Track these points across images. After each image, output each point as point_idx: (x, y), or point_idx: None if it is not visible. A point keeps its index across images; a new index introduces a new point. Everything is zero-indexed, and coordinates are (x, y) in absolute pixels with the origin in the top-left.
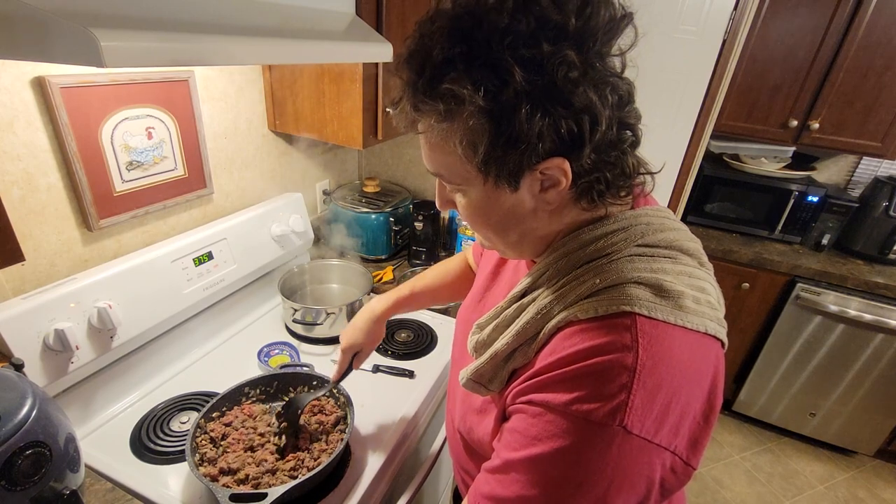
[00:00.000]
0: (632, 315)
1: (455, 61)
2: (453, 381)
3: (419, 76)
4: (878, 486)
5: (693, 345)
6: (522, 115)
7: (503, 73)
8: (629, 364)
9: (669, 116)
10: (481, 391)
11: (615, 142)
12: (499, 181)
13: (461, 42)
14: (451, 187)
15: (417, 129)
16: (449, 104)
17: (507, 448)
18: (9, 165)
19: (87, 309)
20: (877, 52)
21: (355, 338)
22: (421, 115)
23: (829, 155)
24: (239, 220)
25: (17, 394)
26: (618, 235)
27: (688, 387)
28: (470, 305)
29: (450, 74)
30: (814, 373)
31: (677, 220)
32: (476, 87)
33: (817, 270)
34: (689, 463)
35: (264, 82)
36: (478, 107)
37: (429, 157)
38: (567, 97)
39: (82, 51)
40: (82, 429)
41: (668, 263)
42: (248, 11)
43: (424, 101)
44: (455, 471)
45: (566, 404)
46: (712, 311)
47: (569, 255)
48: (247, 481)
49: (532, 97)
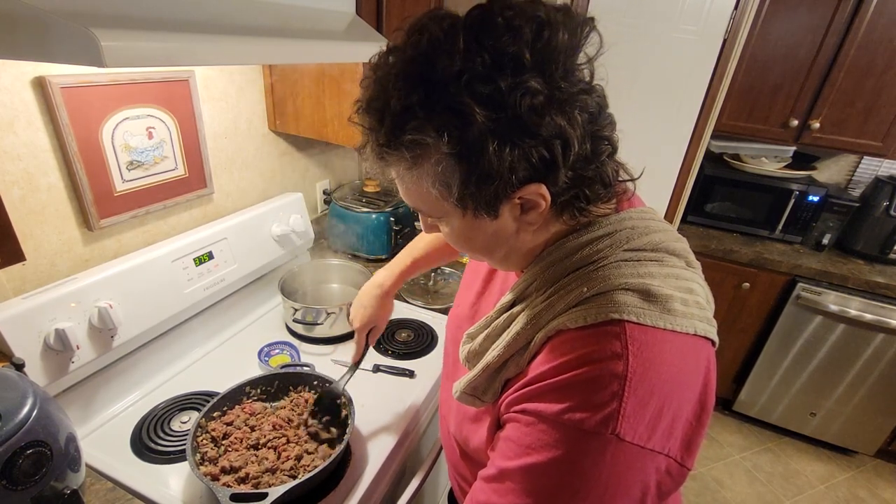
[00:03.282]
0: (621, 322)
1: (414, 108)
2: (446, 388)
3: (380, 125)
4: (878, 486)
5: (683, 347)
6: (491, 152)
7: (464, 115)
8: (619, 372)
9: (669, 116)
10: (476, 403)
11: (591, 156)
12: (477, 212)
13: (417, 88)
14: (431, 220)
15: (389, 174)
16: (414, 152)
17: (501, 457)
18: (9, 165)
19: (87, 309)
20: (877, 51)
21: (368, 315)
22: (388, 165)
23: (830, 155)
24: (239, 219)
25: (18, 393)
26: (603, 242)
27: (679, 390)
28: (462, 313)
29: (410, 123)
30: (814, 373)
31: (662, 221)
32: (440, 133)
33: (818, 270)
34: (684, 464)
35: (264, 82)
36: (443, 153)
37: (405, 195)
38: (533, 129)
39: (82, 51)
40: (83, 428)
41: (655, 266)
42: (248, 11)
43: (389, 153)
44: (450, 475)
45: (558, 414)
46: (701, 311)
47: (555, 264)
48: (247, 480)
49: (497, 133)
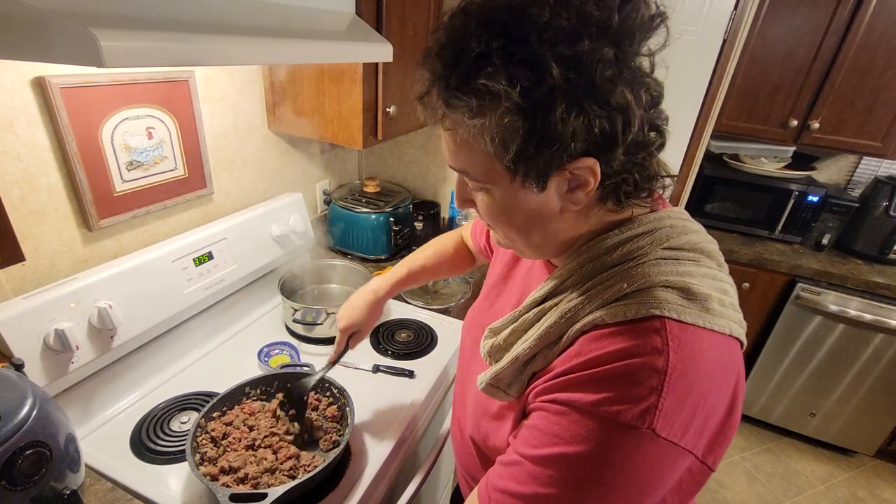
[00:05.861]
0: (661, 318)
1: (492, 56)
2: (461, 386)
3: (452, 70)
4: (878, 486)
5: (720, 347)
6: (558, 114)
7: (541, 69)
8: (660, 367)
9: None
10: (500, 396)
11: (644, 143)
12: (526, 180)
13: (499, 36)
14: (473, 185)
15: (445, 125)
16: (483, 100)
17: (525, 444)
18: (9, 165)
19: (87, 309)
20: (877, 51)
21: (354, 318)
22: (451, 111)
23: (830, 155)
24: (239, 220)
25: (18, 394)
26: (643, 239)
27: (714, 390)
28: (481, 310)
29: (485, 69)
30: (814, 373)
31: (695, 222)
32: (513, 84)
33: (817, 270)
34: (706, 462)
35: (264, 82)
36: (513, 103)
37: (454, 154)
38: (605, 96)
39: (82, 51)
40: (82, 429)
41: (693, 266)
42: (249, 11)
43: (457, 97)
44: (460, 476)
45: (594, 405)
46: (735, 312)
47: (594, 259)
48: (246, 480)
49: (568, 95)
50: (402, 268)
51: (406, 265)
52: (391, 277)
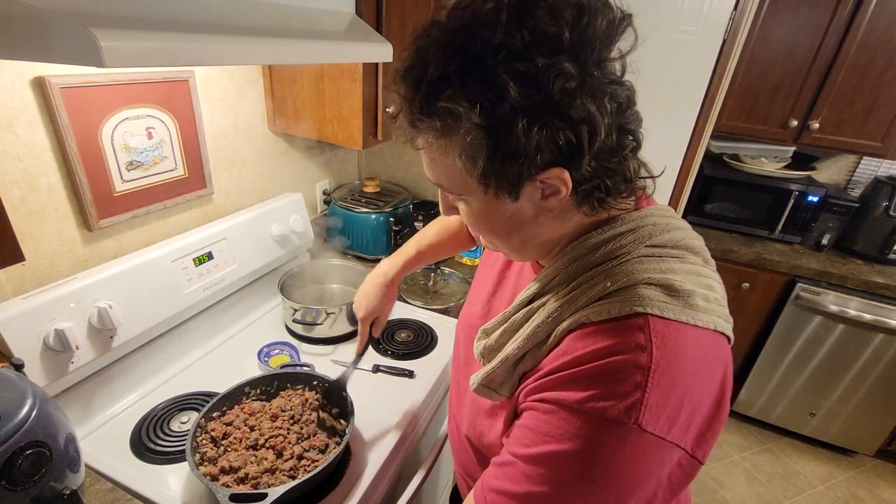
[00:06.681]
0: (644, 316)
1: (450, 78)
2: (456, 386)
3: (416, 93)
4: (878, 486)
5: (704, 342)
6: (519, 130)
7: (498, 88)
8: (643, 363)
9: (669, 117)
10: (492, 396)
11: (615, 148)
12: (499, 191)
13: (456, 58)
14: (452, 196)
15: (416, 144)
16: (446, 121)
17: (517, 444)
18: (9, 165)
19: (87, 309)
20: (877, 51)
21: (372, 304)
22: (419, 133)
23: (829, 155)
24: (239, 220)
25: (18, 394)
26: (626, 238)
27: (700, 384)
28: (474, 311)
29: (445, 92)
30: (814, 373)
31: (680, 219)
32: (472, 104)
33: (817, 270)
34: (695, 456)
35: (264, 82)
36: (474, 123)
37: (430, 169)
38: (564, 110)
39: (82, 51)
40: (82, 429)
41: (677, 263)
42: (248, 11)
43: (421, 119)
44: (458, 475)
45: (580, 402)
46: (720, 307)
47: (578, 259)
48: (246, 480)
49: (528, 111)
50: (410, 246)
51: (414, 243)
52: (400, 258)
